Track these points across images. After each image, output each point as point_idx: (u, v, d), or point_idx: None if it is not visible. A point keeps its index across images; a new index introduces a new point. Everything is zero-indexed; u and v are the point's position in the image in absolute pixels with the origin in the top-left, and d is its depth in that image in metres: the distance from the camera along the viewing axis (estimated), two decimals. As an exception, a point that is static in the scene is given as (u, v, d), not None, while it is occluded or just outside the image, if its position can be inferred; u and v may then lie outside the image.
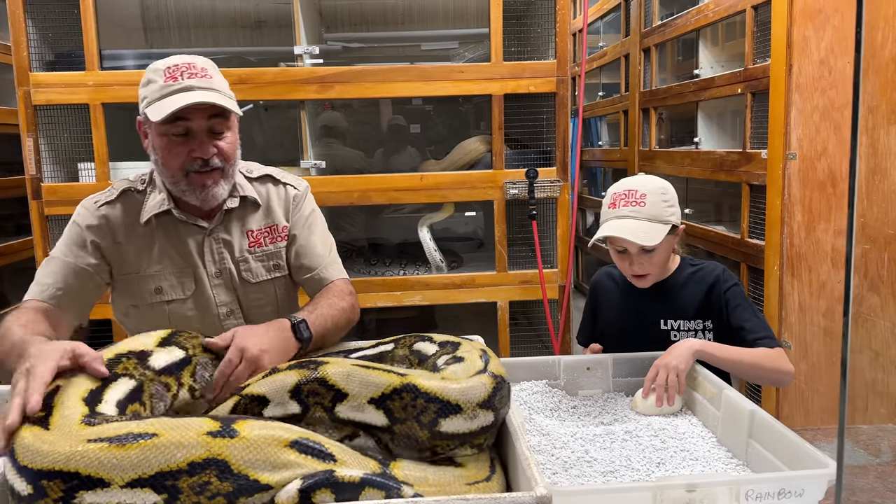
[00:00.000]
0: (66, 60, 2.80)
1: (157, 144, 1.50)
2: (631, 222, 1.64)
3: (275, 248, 1.66)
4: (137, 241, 1.58)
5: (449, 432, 1.02)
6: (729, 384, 1.42)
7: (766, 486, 0.98)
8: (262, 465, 0.90)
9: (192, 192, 1.52)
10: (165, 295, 1.58)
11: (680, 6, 4.08)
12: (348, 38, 3.62)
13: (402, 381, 1.03)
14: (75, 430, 0.93)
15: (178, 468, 0.89)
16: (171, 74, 1.47)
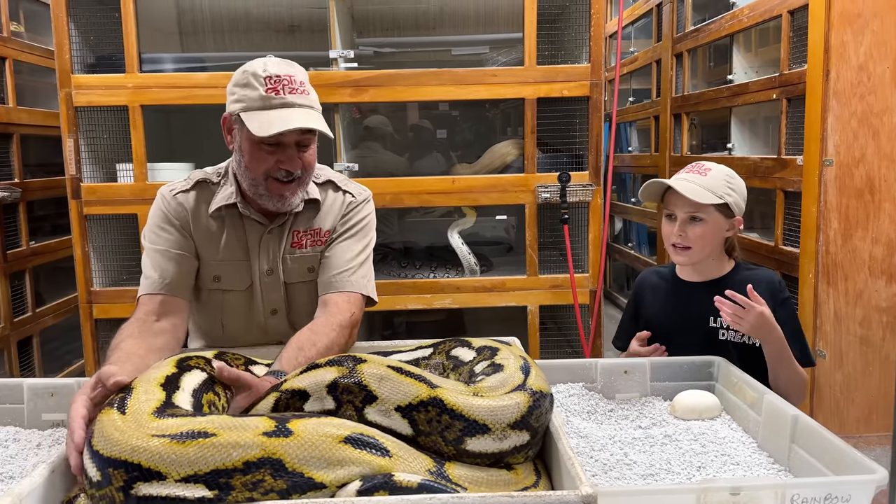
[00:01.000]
0: (106, 63, 2.85)
1: (246, 148, 1.54)
2: (686, 183, 1.68)
3: (312, 251, 1.68)
4: (205, 229, 1.64)
5: (476, 451, 1.00)
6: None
7: (812, 491, 0.96)
8: (317, 463, 0.91)
9: (270, 199, 1.57)
10: (223, 284, 1.64)
11: (713, 11, 4.06)
12: (380, 43, 3.64)
13: (429, 394, 1.03)
14: (145, 422, 0.95)
15: (232, 467, 0.91)
16: (273, 86, 1.49)
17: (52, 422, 1.45)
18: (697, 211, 1.70)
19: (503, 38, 3.36)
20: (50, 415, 1.44)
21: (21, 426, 1.44)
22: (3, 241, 3.36)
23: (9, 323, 3.40)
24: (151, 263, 1.61)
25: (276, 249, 1.66)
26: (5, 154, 3.43)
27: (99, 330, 2.88)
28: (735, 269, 1.80)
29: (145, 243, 1.65)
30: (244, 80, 1.54)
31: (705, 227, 1.70)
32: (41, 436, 1.40)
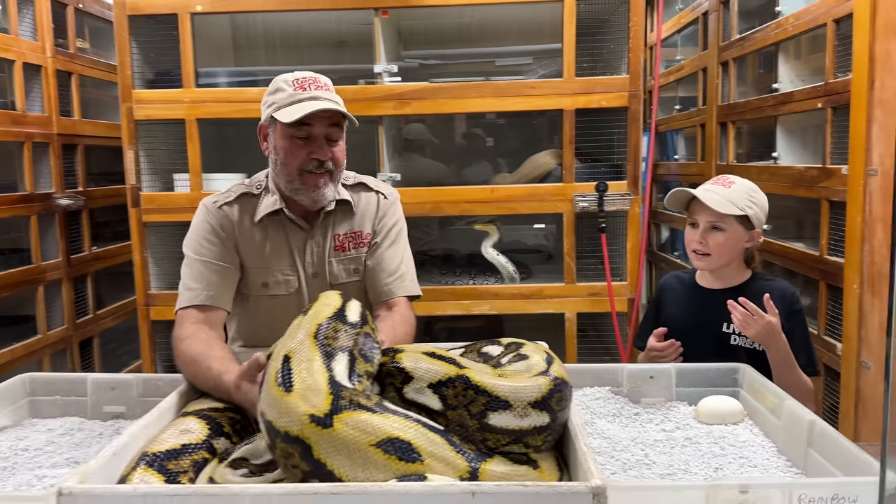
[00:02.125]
0: (164, 79, 3.01)
1: (280, 145, 1.67)
2: (710, 194, 1.78)
3: (356, 253, 1.79)
4: (250, 238, 1.74)
5: (497, 426, 1.07)
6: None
7: (820, 491, 1.00)
8: (341, 460, 0.98)
9: (305, 192, 1.68)
10: (271, 290, 1.74)
11: (759, 19, 4.04)
12: (425, 56, 3.74)
13: (457, 372, 1.12)
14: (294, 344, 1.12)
15: (279, 430, 1.02)
16: (300, 85, 1.65)
17: (112, 413, 1.57)
18: (719, 221, 1.80)
19: (546, 48, 3.42)
20: (110, 407, 1.56)
21: (84, 417, 1.57)
22: (67, 247, 3.56)
23: (72, 324, 3.59)
24: (193, 274, 1.70)
25: (320, 253, 1.76)
26: (70, 164, 3.64)
27: (155, 331, 3.03)
28: (752, 279, 1.89)
29: (188, 253, 1.74)
30: (274, 88, 1.70)
31: (725, 236, 1.80)
32: (103, 426, 1.53)
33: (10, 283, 3.12)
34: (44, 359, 3.34)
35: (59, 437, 1.45)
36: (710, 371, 1.56)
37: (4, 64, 3.19)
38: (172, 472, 1.08)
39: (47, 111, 3.41)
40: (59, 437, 1.46)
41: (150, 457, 1.09)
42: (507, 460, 1.06)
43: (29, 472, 1.29)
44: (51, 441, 1.43)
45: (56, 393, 1.57)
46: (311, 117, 1.61)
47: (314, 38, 3.77)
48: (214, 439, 1.18)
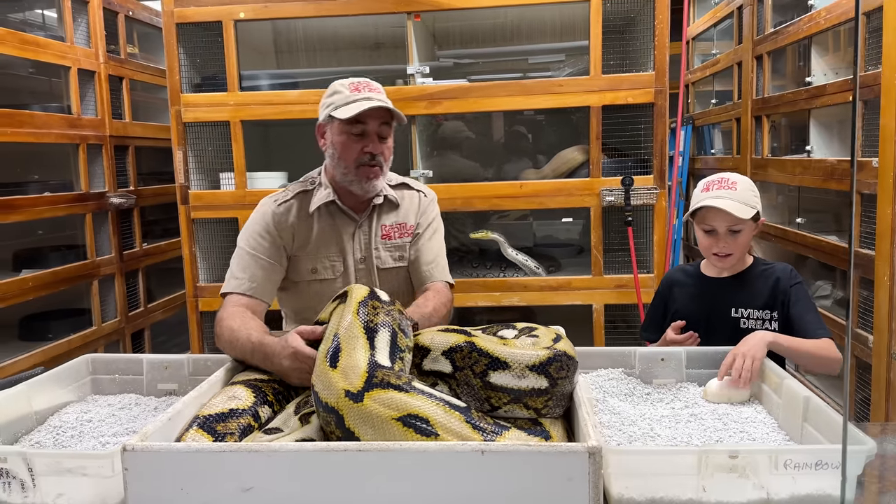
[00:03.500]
0: (210, 82, 3.19)
1: (337, 141, 1.86)
2: (726, 201, 1.86)
3: (401, 242, 2.00)
4: (304, 228, 1.92)
5: (498, 384, 1.22)
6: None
7: (804, 457, 1.09)
8: (367, 430, 1.11)
9: (359, 182, 1.87)
10: (319, 275, 1.93)
11: (792, 13, 4.05)
12: (459, 55, 3.84)
13: (465, 339, 1.28)
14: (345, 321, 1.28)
15: (321, 401, 1.17)
16: (356, 87, 1.86)
17: (165, 390, 1.72)
18: (736, 224, 1.89)
19: (575, 46, 3.50)
20: (164, 385, 1.72)
21: (140, 394, 1.72)
22: (120, 243, 3.76)
23: (124, 316, 3.80)
24: (241, 265, 1.88)
25: (367, 241, 1.95)
26: (122, 164, 3.84)
27: (203, 320, 3.21)
28: (754, 264, 1.99)
29: (241, 244, 1.92)
30: (332, 91, 1.90)
31: (744, 236, 1.91)
32: (157, 401, 1.68)
33: (66, 277, 3.33)
34: (98, 349, 3.54)
35: (119, 411, 1.60)
36: (719, 354, 1.64)
37: (61, 70, 3.40)
38: (220, 433, 1.22)
39: (100, 114, 3.61)
40: (118, 410, 1.61)
41: (201, 419, 1.23)
42: (521, 433, 1.17)
43: (94, 440, 1.44)
44: (111, 414, 1.58)
45: (115, 372, 1.73)
46: (364, 115, 1.80)
47: (351, 42, 3.91)
48: (260, 407, 1.31)
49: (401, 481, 1.04)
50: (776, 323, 1.89)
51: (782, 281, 1.90)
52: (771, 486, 1.10)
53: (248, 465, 1.05)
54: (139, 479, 1.07)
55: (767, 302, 1.91)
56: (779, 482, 1.10)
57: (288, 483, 1.05)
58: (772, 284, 1.91)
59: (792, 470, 1.09)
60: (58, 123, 3.28)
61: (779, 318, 1.90)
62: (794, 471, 1.09)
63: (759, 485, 1.10)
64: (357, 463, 1.04)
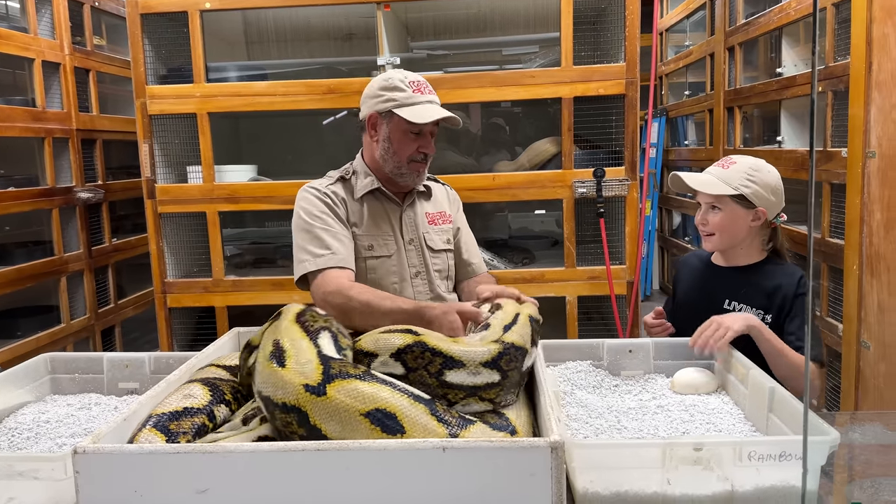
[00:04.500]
0: (176, 74, 3.13)
1: (395, 137, 1.93)
2: (705, 176, 1.86)
3: (446, 227, 2.10)
4: (354, 210, 1.99)
5: (454, 383, 1.21)
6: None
7: (768, 449, 1.08)
8: (334, 426, 1.08)
9: (410, 175, 1.97)
10: (375, 251, 1.98)
11: (764, 4, 4.06)
12: (432, 46, 3.82)
13: (413, 339, 1.26)
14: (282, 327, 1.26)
15: (276, 403, 1.12)
16: (417, 88, 1.92)
17: (126, 389, 1.68)
18: (715, 201, 1.86)
19: (547, 37, 3.49)
20: (125, 383, 1.68)
21: (101, 393, 1.68)
22: (88, 238, 3.69)
23: (94, 314, 3.74)
24: (319, 244, 1.89)
25: (414, 224, 2.03)
26: (90, 158, 3.76)
27: (172, 317, 3.16)
28: (765, 261, 1.92)
29: (305, 227, 1.91)
30: (391, 85, 1.92)
31: (723, 215, 1.86)
32: (118, 401, 1.64)
33: (33, 274, 3.26)
34: (67, 347, 3.48)
35: (78, 411, 1.57)
36: (686, 345, 1.63)
37: (24, 62, 3.32)
38: (173, 433, 1.19)
39: (66, 107, 3.53)
40: (77, 410, 1.57)
41: (154, 418, 1.20)
42: (487, 428, 1.15)
43: (50, 441, 1.40)
44: (70, 415, 1.54)
45: (75, 371, 1.69)
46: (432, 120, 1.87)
47: (323, 32, 3.86)
48: (216, 406, 1.28)
49: (361, 480, 1.02)
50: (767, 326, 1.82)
51: (785, 287, 1.83)
52: (735, 478, 1.10)
53: (203, 466, 1.02)
54: (91, 482, 1.04)
55: (763, 302, 1.84)
56: (743, 474, 1.09)
57: (245, 484, 1.02)
58: (773, 287, 1.84)
59: (756, 461, 1.08)
60: (21, 117, 3.20)
61: (771, 322, 1.82)
62: (759, 462, 1.08)
63: (723, 477, 1.10)
64: (316, 462, 1.01)
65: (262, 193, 3.08)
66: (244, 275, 3.21)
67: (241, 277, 3.15)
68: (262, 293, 3.08)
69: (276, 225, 3.78)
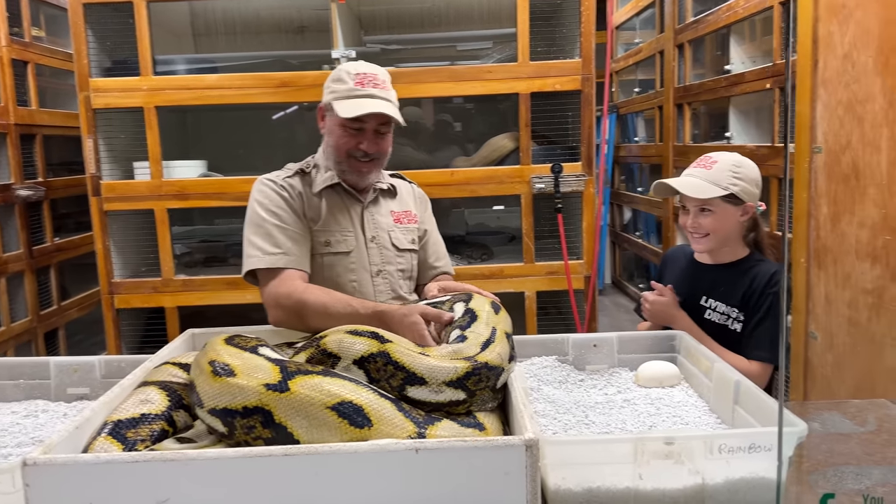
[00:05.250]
0: (122, 67, 3.02)
1: (333, 131, 1.86)
2: (691, 179, 1.84)
3: (412, 227, 2.03)
4: (312, 205, 1.90)
5: (415, 398, 1.16)
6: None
7: (738, 441, 1.09)
8: (300, 422, 1.04)
9: (351, 173, 1.89)
10: (333, 248, 1.89)
11: (714, 2, 4.14)
12: (386, 41, 3.77)
13: (378, 348, 1.20)
14: (212, 348, 1.19)
15: (236, 410, 1.07)
16: (360, 80, 1.81)
17: (75, 395, 1.60)
18: (705, 204, 1.85)
19: (503, 33, 3.48)
20: (74, 389, 1.60)
21: (49, 399, 1.60)
22: (29, 238, 3.55)
23: (35, 315, 3.59)
24: (271, 241, 1.80)
25: (377, 222, 1.95)
26: (29, 154, 3.61)
27: (120, 319, 3.05)
28: (746, 258, 1.94)
29: (266, 219, 1.82)
30: (338, 76, 1.85)
31: (715, 216, 1.86)
32: (67, 407, 1.56)
33: (-30, 274, 3.12)
34: (8, 352, 3.34)
35: (24, 419, 1.49)
36: (649, 339, 1.64)
37: (-43, 54, 3.17)
38: (130, 441, 1.13)
39: (3, 101, 3.39)
40: (23, 418, 1.49)
41: (110, 425, 1.14)
42: (455, 424, 1.13)
43: (-6, 451, 1.33)
44: (15, 423, 1.46)
45: (19, 377, 1.60)
46: (363, 114, 1.78)
47: (274, 25, 3.78)
48: (174, 411, 1.22)
49: (331, 484, 0.98)
50: (740, 325, 1.86)
51: (757, 283, 1.85)
52: (706, 471, 1.10)
53: (163, 475, 0.97)
54: (43, 495, 0.98)
55: (739, 300, 1.86)
56: (714, 466, 1.10)
57: (208, 493, 0.98)
58: (748, 284, 1.87)
59: (727, 454, 1.09)
60: (-46, 110, 3.06)
61: (744, 320, 1.86)
62: (729, 455, 1.09)
63: (694, 470, 1.10)
64: (283, 468, 0.98)
65: (213, 190, 3.00)
66: (195, 274, 3.13)
67: (191, 277, 3.06)
68: (214, 293, 3.01)
69: (227, 222, 3.70)
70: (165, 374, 1.30)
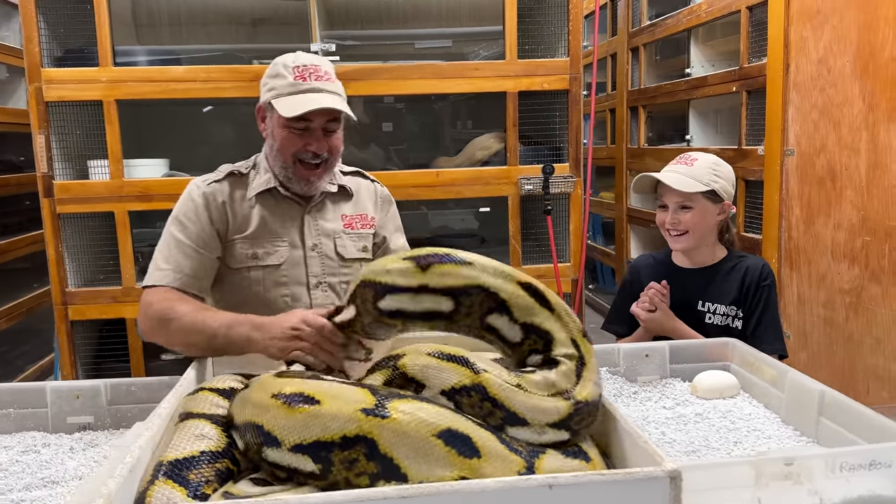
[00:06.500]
0: (76, 57, 2.76)
1: (277, 133, 1.66)
2: (674, 175, 1.83)
3: (365, 233, 1.83)
4: (241, 213, 1.71)
5: (518, 437, 1.03)
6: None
7: (859, 458, 1.04)
8: (406, 452, 0.91)
9: (297, 182, 1.70)
10: (260, 260, 1.70)
11: (670, 6, 4.17)
12: (343, 36, 3.62)
13: (472, 380, 1.04)
14: (269, 383, 1.03)
15: (332, 441, 0.92)
16: (301, 74, 1.63)
17: (78, 425, 1.41)
18: (686, 200, 1.85)
19: (478, 31, 3.39)
20: (76, 418, 1.41)
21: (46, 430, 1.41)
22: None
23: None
24: (165, 254, 1.64)
25: (321, 228, 1.76)
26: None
27: (75, 331, 2.79)
28: (727, 257, 1.93)
29: (168, 230, 1.67)
30: (275, 72, 1.66)
31: (695, 213, 1.85)
32: (71, 439, 1.37)
33: None
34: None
35: (23, 456, 1.29)
36: (702, 347, 1.59)
37: None
38: (194, 483, 0.97)
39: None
40: (21, 455, 1.29)
41: (166, 466, 0.98)
42: (558, 454, 1.02)
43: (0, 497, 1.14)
44: (14, 460, 1.26)
45: (10, 406, 1.40)
46: (309, 112, 1.60)
47: (226, 16, 3.56)
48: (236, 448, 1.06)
49: (450, 527, 0.87)
50: (740, 322, 1.85)
51: (750, 277, 1.85)
52: (825, 491, 1.04)
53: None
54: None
55: (735, 298, 1.86)
56: (833, 486, 1.04)
57: (315, 543, 0.84)
58: (740, 280, 1.86)
59: (847, 472, 1.03)
60: None
61: (744, 316, 1.85)
62: (849, 473, 1.03)
63: (813, 490, 1.04)
64: (400, 511, 0.85)
65: (179, 191, 2.75)
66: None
67: (155, 285, 2.82)
68: (181, 301, 2.78)
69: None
70: (207, 405, 1.14)
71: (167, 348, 1.58)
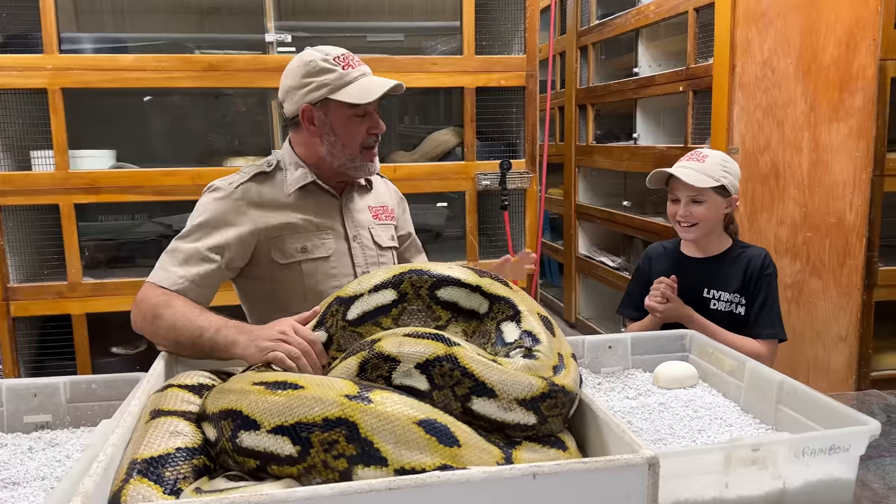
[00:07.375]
0: (18, 42, 2.65)
1: (341, 126, 1.67)
2: (688, 171, 1.92)
3: (389, 224, 1.89)
4: (280, 210, 1.71)
5: (480, 413, 1.02)
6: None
7: (820, 443, 1.09)
8: (388, 437, 0.92)
9: (364, 165, 1.73)
10: (310, 253, 1.71)
11: (618, 6, 4.25)
12: (295, 27, 3.57)
13: (445, 350, 1.06)
14: (248, 376, 1.07)
15: (313, 421, 0.93)
16: (346, 63, 1.65)
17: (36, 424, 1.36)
18: (698, 194, 1.94)
19: (434, 25, 3.39)
20: (33, 416, 1.36)
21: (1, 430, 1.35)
22: None
23: None
24: (176, 258, 1.58)
25: (356, 220, 1.80)
26: None
27: (17, 328, 2.68)
28: (732, 247, 2.04)
29: (188, 234, 1.62)
30: (316, 68, 1.64)
31: (706, 206, 1.94)
32: (29, 439, 1.32)
33: None
34: None
35: (-23, 456, 1.24)
36: (661, 339, 1.64)
37: None
38: (170, 480, 0.95)
39: None
40: (-25, 455, 1.25)
41: (140, 464, 0.95)
42: (534, 444, 1.04)
43: (-42, 500, 1.09)
44: (-31, 461, 1.22)
45: (-40, 404, 1.34)
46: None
47: (176, 4, 3.47)
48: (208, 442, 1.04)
49: (435, 517, 0.87)
50: (743, 308, 1.94)
51: (752, 266, 1.95)
52: (787, 475, 1.09)
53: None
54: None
55: (739, 286, 1.95)
56: (794, 470, 1.09)
57: (301, 538, 0.84)
58: (743, 269, 1.95)
59: (808, 457, 1.08)
60: None
61: (746, 302, 1.94)
62: (810, 457, 1.08)
63: (776, 474, 1.09)
64: (386, 503, 0.85)
65: (129, 183, 2.70)
66: (104, 276, 2.80)
67: (103, 280, 2.74)
68: (131, 297, 2.71)
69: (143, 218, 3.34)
70: (178, 402, 1.11)
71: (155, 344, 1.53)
